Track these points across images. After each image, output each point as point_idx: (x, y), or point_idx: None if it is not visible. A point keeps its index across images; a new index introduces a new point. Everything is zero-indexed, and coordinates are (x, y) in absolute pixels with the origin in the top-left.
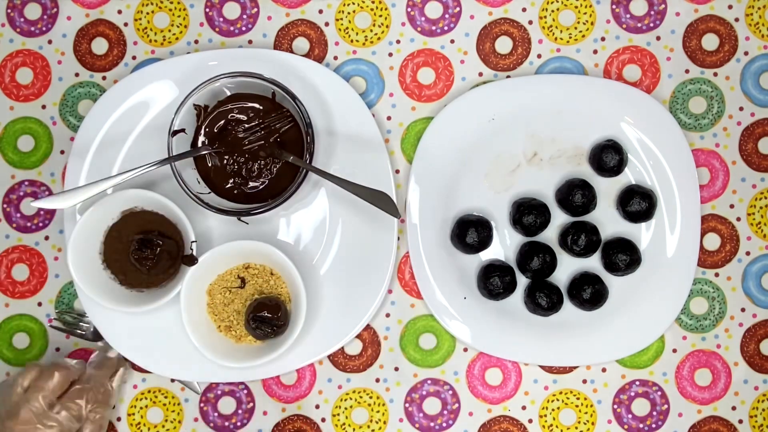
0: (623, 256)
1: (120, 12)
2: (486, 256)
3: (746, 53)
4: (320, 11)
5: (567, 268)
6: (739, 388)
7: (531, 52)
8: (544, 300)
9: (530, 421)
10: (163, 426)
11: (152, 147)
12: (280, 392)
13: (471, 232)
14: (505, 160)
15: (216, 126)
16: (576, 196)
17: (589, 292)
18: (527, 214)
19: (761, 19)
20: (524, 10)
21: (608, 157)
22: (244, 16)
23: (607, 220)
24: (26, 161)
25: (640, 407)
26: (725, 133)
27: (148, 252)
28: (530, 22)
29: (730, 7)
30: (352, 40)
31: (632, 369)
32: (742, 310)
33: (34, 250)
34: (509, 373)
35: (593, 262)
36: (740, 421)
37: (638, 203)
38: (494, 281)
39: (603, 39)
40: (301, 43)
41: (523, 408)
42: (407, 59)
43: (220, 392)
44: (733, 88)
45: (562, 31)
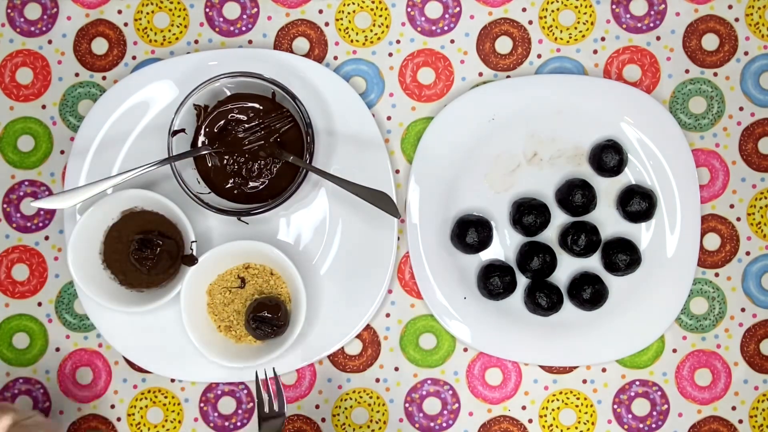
0: (623, 256)
1: (120, 12)
2: (486, 256)
3: (746, 53)
4: (320, 11)
5: (567, 268)
6: (739, 388)
7: (531, 52)
8: (544, 300)
9: (530, 421)
10: (163, 426)
11: (152, 147)
12: None
13: (471, 232)
14: (505, 160)
15: (216, 126)
16: (576, 196)
17: (589, 292)
18: (527, 214)
19: (761, 19)
20: (524, 10)
21: (608, 157)
22: (244, 16)
23: (607, 220)
24: (26, 161)
25: (640, 407)
26: (725, 133)
27: (148, 252)
28: (530, 22)
29: (730, 7)
30: (352, 40)
31: (632, 369)
32: (742, 310)
33: (34, 250)
34: (509, 373)
35: (593, 262)
36: (740, 421)
37: (638, 203)
38: (494, 281)
39: (603, 39)
40: (301, 43)
41: (523, 408)
42: (407, 59)
43: (220, 392)
44: (733, 88)
45: (562, 31)
